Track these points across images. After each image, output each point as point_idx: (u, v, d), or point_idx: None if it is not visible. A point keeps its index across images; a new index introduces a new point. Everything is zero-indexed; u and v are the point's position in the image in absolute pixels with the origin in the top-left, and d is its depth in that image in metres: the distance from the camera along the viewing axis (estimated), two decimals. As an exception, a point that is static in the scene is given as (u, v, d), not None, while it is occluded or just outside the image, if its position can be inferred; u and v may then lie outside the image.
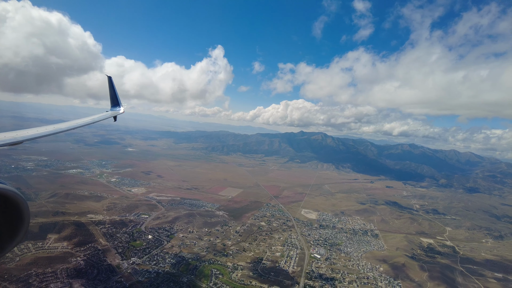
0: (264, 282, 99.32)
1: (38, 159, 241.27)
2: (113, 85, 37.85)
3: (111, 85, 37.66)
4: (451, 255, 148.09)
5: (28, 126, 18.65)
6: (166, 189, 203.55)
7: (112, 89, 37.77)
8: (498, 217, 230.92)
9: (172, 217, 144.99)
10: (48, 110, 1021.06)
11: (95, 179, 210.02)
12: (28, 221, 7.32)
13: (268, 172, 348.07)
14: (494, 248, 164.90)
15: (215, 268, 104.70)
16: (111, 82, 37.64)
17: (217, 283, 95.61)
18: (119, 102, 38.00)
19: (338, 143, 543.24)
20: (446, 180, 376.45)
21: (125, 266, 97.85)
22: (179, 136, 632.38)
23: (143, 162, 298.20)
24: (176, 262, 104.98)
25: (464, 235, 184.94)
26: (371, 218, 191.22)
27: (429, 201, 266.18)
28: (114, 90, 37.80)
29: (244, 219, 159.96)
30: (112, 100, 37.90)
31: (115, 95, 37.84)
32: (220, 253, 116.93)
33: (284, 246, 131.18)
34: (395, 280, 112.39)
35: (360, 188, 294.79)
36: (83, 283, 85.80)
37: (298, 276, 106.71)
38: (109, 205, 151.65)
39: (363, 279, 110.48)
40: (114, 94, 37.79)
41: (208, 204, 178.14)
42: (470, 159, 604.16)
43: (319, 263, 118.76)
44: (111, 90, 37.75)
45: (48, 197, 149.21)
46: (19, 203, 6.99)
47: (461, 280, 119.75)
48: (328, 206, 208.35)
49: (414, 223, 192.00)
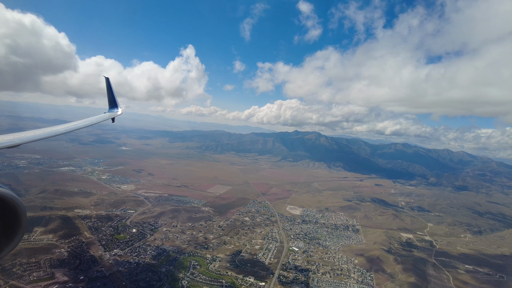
0: (240, 272, 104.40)
1: (31, 157, 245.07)
2: (111, 86, 37.45)
3: (108, 86, 37.26)
4: (428, 249, 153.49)
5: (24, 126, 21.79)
6: (155, 186, 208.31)
7: (109, 91, 37.42)
8: (480, 214, 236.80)
9: (158, 212, 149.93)
10: (45, 109, 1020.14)
11: (86, 176, 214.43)
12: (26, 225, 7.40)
13: (259, 170, 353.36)
14: (471, 243, 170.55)
15: (194, 259, 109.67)
16: (109, 83, 37.20)
17: (194, 273, 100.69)
18: (116, 104, 37.62)
19: (331, 143, 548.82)
20: (436, 179, 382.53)
21: (107, 257, 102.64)
22: (175, 135, 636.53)
23: (136, 161, 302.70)
24: (157, 254, 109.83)
25: (444, 230, 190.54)
26: (354, 214, 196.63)
27: (415, 198, 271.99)
28: (111, 92, 37.46)
29: (228, 214, 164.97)
30: (109, 101, 37.62)
31: (113, 97, 37.49)
32: (201, 246, 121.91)
33: (264, 239, 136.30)
34: (368, 271, 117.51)
35: (348, 186, 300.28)
36: (65, 272, 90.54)
37: (274, 267, 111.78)
38: (97, 201, 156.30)
39: (337, 270, 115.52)
40: (112, 95, 37.45)
41: (195, 201, 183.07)
42: (463, 158, 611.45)
43: (296, 256, 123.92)
44: (109, 91, 37.43)
45: (37, 193, 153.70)
46: (17, 206, 7.10)
47: (432, 272, 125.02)
48: (313, 203, 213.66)
49: (397, 219, 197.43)
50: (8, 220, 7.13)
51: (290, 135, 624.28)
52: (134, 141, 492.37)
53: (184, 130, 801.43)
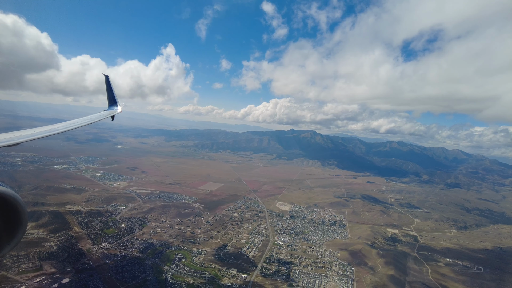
0: (224, 265, 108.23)
1: (26, 155, 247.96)
2: (110, 85, 37.45)
3: (108, 85, 37.25)
4: (411, 243, 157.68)
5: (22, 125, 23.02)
6: (148, 183, 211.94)
7: (109, 88, 37.38)
8: (468, 210, 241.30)
9: (148, 208, 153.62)
10: (43, 109, 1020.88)
11: (80, 174, 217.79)
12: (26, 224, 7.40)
13: (253, 168, 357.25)
14: (455, 238, 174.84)
15: (180, 253, 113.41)
16: (108, 81, 37.22)
17: (178, 265, 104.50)
18: (116, 101, 37.62)
19: (326, 141, 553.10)
20: (429, 177, 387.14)
21: (95, 250, 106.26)
22: (171, 134, 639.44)
23: (130, 159, 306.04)
24: (144, 248, 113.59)
25: (431, 226, 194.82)
26: (343, 210, 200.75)
27: (405, 195, 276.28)
28: (111, 89, 37.44)
29: (218, 210, 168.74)
30: (109, 99, 37.60)
31: (112, 94, 37.53)
32: (188, 240, 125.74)
33: (251, 234, 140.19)
34: (349, 265, 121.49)
35: (340, 183, 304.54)
36: (53, 264, 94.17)
37: (258, 260, 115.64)
38: (89, 197, 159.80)
39: (319, 263, 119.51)
40: (111, 93, 37.49)
41: (186, 197, 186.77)
42: (457, 156, 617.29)
43: (281, 249, 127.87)
44: (108, 89, 37.39)
45: (30, 190, 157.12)
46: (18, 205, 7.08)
47: (412, 265, 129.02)
48: (303, 199, 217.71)
49: (384, 215, 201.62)
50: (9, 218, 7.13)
51: (286, 134, 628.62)
52: (130, 139, 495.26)
53: (181, 129, 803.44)
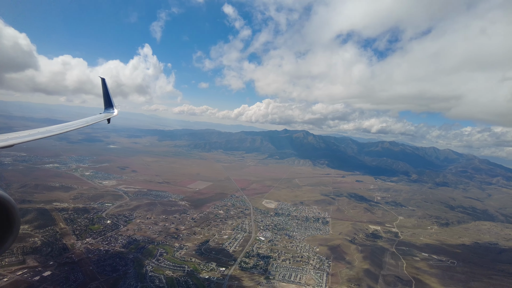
0: (204, 259, 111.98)
1: (17, 155, 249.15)
2: (107, 87, 37.14)
3: (104, 87, 36.94)
4: (391, 239, 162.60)
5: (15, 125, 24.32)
6: (137, 182, 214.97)
7: (105, 91, 37.07)
8: (452, 207, 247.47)
9: (134, 206, 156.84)
10: (37, 109, 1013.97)
11: (70, 173, 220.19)
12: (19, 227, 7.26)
13: (244, 167, 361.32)
14: (435, 234, 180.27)
15: (162, 248, 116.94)
16: (105, 84, 36.89)
17: (160, 259, 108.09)
18: (112, 104, 37.32)
19: (319, 141, 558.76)
20: (418, 176, 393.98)
21: (78, 245, 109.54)
22: (165, 134, 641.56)
23: (121, 158, 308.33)
24: (127, 243, 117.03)
25: (413, 223, 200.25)
26: (327, 208, 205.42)
27: (392, 193, 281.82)
28: (107, 92, 37.15)
29: (204, 208, 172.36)
30: (105, 102, 37.30)
31: (109, 97, 37.31)
32: (171, 236, 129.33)
33: (233, 230, 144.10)
34: (327, 259, 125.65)
35: (329, 182, 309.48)
36: (36, 258, 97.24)
37: (238, 254, 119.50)
38: (76, 195, 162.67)
39: (297, 258, 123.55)
40: (108, 96, 37.26)
41: (173, 195, 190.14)
42: (448, 156, 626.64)
43: (261, 244, 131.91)
44: (105, 91, 37.08)
45: (18, 188, 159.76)
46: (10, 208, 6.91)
47: (388, 260, 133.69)
48: (290, 197, 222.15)
49: (368, 212, 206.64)
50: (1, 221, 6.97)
51: (279, 134, 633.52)
52: (123, 139, 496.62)
53: (175, 129, 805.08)
